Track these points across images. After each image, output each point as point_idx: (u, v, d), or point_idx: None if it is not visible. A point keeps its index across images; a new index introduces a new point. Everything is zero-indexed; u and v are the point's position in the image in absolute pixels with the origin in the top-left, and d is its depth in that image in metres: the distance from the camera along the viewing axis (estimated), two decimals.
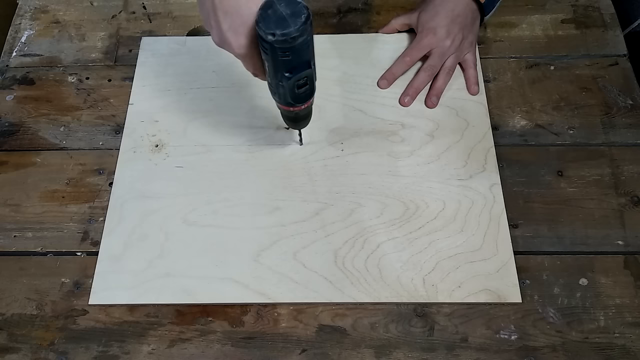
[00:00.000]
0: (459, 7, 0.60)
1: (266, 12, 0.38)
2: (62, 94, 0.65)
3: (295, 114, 0.49)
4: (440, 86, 0.62)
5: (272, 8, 0.38)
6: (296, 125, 0.54)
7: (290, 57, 0.40)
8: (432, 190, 0.57)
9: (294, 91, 0.44)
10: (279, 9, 0.38)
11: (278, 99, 0.47)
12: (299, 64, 0.42)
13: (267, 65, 0.42)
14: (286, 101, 0.46)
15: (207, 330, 0.52)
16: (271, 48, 0.39)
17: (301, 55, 0.41)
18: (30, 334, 0.52)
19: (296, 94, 0.45)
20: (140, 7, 0.71)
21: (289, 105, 0.47)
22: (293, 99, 0.45)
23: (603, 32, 0.67)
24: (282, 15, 0.38)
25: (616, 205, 0.56)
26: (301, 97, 0.46)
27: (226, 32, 0.41)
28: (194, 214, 0.56)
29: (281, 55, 0.40)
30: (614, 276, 0.53)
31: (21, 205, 0.58)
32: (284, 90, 0.44)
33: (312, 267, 0.53)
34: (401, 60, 0.63)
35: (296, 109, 0.48)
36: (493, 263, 0.53)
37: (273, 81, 0.44)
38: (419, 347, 0.50)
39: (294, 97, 0.45)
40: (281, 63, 0.41)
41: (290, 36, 0.38)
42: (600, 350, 0.50)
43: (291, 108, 0.48)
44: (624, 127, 0.61)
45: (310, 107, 0.50)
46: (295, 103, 0.46)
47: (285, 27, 0.38)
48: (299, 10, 0.38)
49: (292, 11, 0.38)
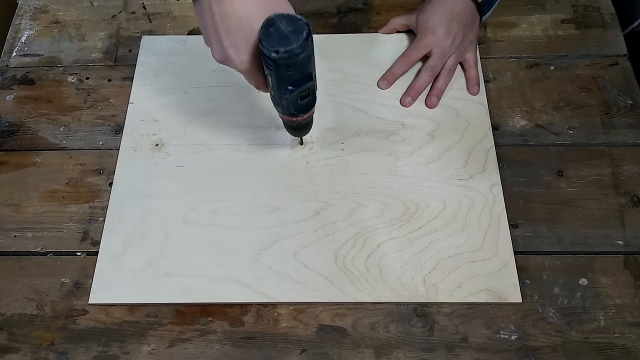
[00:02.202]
0: (458, 6, 0.60)
1: (268, 30, 0.39)
2: (62, 94, 0.65)
3: (298, 123, 0.50)
4: (441, 86, 0.62)
5: (273, 26, 0.39)
6: (298, 133, 0.55)
7: (293, 72, 0.41)
8: (432, 190, 0.57)
9: (297, 102, 0.45)
10: (281, 26, 0.39)
11: (281, 110, 0.48)
12: (302, 78, 0.43)
13: (270, 79, 0.43)
14: (289, 112, 0.47)
15: (207, 330, 0.52)
16: (275, 64, 0.40)
17: (304, 69, 0.42)
18: (30, 334, 0.52)
19: (299, 105, 0.46)
20: (140, 7, 0.71)
21: (292, 115, 0.48)
22: (296, 109, 0.46)
23: (603, 32, 0.67)
24: (284, 32, 0.39)
25: (616, 205, 0.56)
26: (303, 108, 0.47)
27: (228, 49, 0.42)
28: (194, 213, 0.56)
29: (284, 71, 0.41)
30: (614, 276, 0.53)
31: (21, 205, 0.58)
32: (287, 102, 0.45)
33: (313, 266, 0.53)
34: (401, 60, 0.63)
35: (299, 118, 0.49)
36: (493, 263, 0.53)
37: (276, 94, 0.45)
38: (419, 347, 0.50)
39: (297, 108, 0.46)
40: (284, 78, 0.42)
41: (294, 53, 0.39)
42: (600, 350, 0.50)
43: (294, 118, 0.49)
44: (624, 127, 0.61)
45: (312, 116, 0.51)
46: (298, 113, 0.47)
47: (288, 44, 0.39)
48: (300, 27, 0.39)
49: (293, 28, 0.39)
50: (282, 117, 0.51)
